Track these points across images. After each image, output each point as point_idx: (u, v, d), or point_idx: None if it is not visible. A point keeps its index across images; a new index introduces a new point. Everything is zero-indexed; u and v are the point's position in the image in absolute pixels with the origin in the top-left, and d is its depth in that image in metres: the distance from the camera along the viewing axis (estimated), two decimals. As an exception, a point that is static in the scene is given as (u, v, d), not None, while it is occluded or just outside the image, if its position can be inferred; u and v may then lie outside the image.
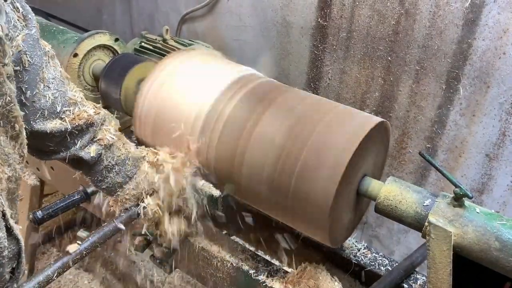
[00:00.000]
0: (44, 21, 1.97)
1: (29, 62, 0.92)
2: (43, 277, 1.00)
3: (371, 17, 1.79)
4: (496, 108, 1.62)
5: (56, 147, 1.09)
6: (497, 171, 1.71)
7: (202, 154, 1.29)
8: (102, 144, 1.14)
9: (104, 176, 1.19)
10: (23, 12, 0.89)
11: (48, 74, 0.99)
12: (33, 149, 1.07)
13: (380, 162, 1.33)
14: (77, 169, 1.20)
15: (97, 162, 1.16)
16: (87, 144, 1.12)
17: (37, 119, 1.00)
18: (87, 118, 1.09)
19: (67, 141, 1.08)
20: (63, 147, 1.10)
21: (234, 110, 1.25)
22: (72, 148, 1.10)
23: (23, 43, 0.89)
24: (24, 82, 0.93)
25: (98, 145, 1.14)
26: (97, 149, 1.13)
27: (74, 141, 1.10)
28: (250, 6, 2.14)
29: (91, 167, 1.17)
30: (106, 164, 1.17)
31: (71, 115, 1.06)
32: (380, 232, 2.18)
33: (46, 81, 0.99)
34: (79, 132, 1.09)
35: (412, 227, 1.09)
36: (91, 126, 1.11)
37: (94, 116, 1.11)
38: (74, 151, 1.10)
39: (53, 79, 1.01)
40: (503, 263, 0.95)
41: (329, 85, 2.04)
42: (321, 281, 1.27)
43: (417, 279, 1.37)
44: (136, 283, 2.49)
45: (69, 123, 1.05)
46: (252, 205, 1.35)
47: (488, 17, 1.53)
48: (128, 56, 1.71)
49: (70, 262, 1.07)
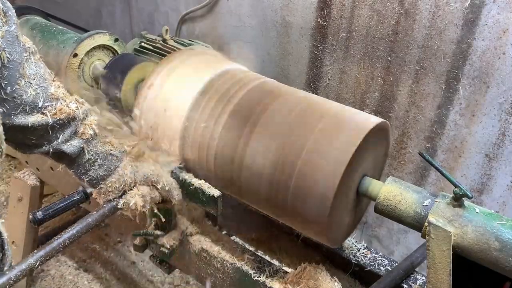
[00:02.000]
0: (44, 21, 1.97)
1: (8, 59, 0.93)
2: (26, 265, 1.04)
3: (371, 17, 1.79)
4: (496, 108, 1.62)
5: (38, 140, 1.11)
6: (497, 171, 1.71)
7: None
8: (84, 138, 1.16)
9: (87, 169, 1.21)
10: (3, 8, 0.90)
11: (30, 70, 1.01)
12: (15, 143, 1.10)
13: (380, 162, 1.34)
14: (60, 162, 1.22)
15: (80, 156, 1.18)
16: (69, 138, 1.14)
17: (18, 114, 1.01)
18: (69, 112, 1.11)
19: (49, 135, 1.10)
20: (46, 141, 1.12)
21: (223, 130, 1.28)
22: (54, 142, 1.12)
23: (2, 40, 0.90)
24: (3, 78, 0.94)
25: (80, 139, 1.16)
26: (79, 143, 1.15)
27: (56, 135, 1.11)
28: (249, 6, 2.14)
29: (74, 161, 1.19)
30: (89, 157, 1.19)
31: (53, 110, 1.08)
32: (379, 232, 2.18)
33: (27, 77, 1.00)
34: (61, 126, 1.11)
35: (412, 227, 1.09)
36: (72, 121, 1.13)
37: (76, 110, 1.13)
38: (56, 145, 1.12)
39: (35, 75, 1.03)
40: (502, 263, 0.95)
41: (328, 85, 2.04)
42: (320, 281, 1.27)
43: (417, 279, 1.38)
44: (136, 284, 2.49)
45: (51, 117, 1.07)
46: (252, 205, 1.35)
47: (487, 17, 1.53)
48: (128, 56, 1.71)
49: (53, 251, 1.11)
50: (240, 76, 1.39)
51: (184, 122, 1.34)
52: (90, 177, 1.22)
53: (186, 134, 1.34)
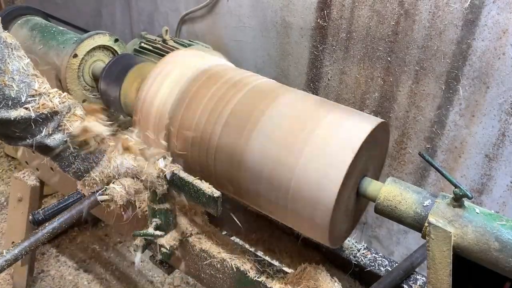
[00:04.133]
0: (44, 22, 1.97)
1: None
2: (11, 255, 1.08)
3: (371, 17, 1.79)
4: (496, 108, 1.62)
5: (22, 133, 1.13)
6: (497, 171, 1.71)
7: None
8: (67, 132, 1.18)
9: (71, 162, 1.24)
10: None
11: (12, 66, 1.04)
12: (0, 135, 1.13)
13: (380, 162, 1.34)
14: (45, 155, 1.24)
15: (63, 149, 1.21)
16: (52, 132, 1.16)
17: (1, 108, 1.05)
18: (52, 107, 1.13)
19: (32, 129, 1.13)
20: (29, 134, 1.14)
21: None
22: (38, 135, 1.15)
23: None
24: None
25: (63, 133, 1.18)
26: (62, 137, 1.18)
27: (40, 129, 1.14)
28: (249, 7, 2.14)
29: (58, 154, 1.22)
30: (72, 150, 1.22)
31: (36, 105, 1.11)
32: (379, 233, 2.18)
33: (10, 73, 1.03)
34: (44, 120, 1.14)
35: (412, 227, 1.09)
36: (55, 115, 1.15)
37: (59, 105, 1.15)
38: (39, 138, 1.15)
39: (18, 70, 1.05)
40: (503, 263, 0.95)
41: (328, 86, 2.04)
42: (320, 282, 1.27)
43: (417, 279, 1.38)
44: (136, 284, 2.49)
45: (33, 112, 1.10)
46: (252, 205, 1.35)
47: (487, 17, 1.53)
48: (127, 56, 1.71)
49: (38, 242, 1.15)
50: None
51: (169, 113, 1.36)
52: (74, 170, 1.25)
53: (171, 126, 1.35)
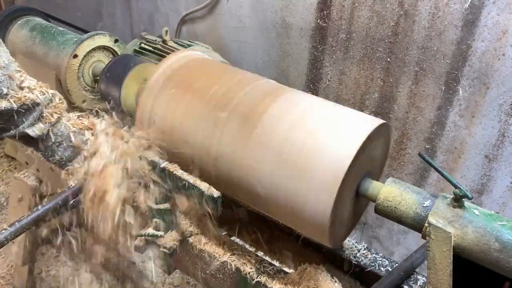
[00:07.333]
0: (44, 23, 1.97)
1: None
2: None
3: (371, 18, 1.79)
4: (496, 109, 1.62)
5: (5, 125, 1.18)
6: (497, 172, 1.71)
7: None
8: (48, 122, 1.23)
9: (54, 152, 1.28)
10: None
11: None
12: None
13: (380, 163, 1.34)
14: (28, 146, 1.28)
15: (46, 139, 1.25)
16: (34, 123, 1.21)
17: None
18: (33, 98, 1.18)
19: (15, 120, 1.18)
20: (12, 125, 1.19)
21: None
22: (20, 126, 1.19)
23: None
24: None
25: (45, 123, 1.23)
26: (44, 127, 1.22)
27: (22, 120, 1.19)
28: (249, 7, 2.14)
29: (41, 144, 1.26)
30: (54, 140, 1.26)
31: (17, 97, 1.16)
32: (380, 233, 2.18)
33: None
34: (26, 111, 1.18)
35: (412, 228, 1.09)
36: (37, 106, 1.20)
37: (40, 96, 1.20)
38: (22, 129, 1.19)
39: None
40: (503, 263, 0.95)
41: (328, 86, 2.04)
42: (321, 282, 1.27)
43: (417, 280, 1.38)
44: (136, 284, 2.49)
45: (15, 103, 1.15)
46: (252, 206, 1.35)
47: (487, 18, 1.54)
48: (127, 57, 1.71)
49: (22, 229, 1.18)
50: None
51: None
52: (58, 158, 1.29)
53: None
